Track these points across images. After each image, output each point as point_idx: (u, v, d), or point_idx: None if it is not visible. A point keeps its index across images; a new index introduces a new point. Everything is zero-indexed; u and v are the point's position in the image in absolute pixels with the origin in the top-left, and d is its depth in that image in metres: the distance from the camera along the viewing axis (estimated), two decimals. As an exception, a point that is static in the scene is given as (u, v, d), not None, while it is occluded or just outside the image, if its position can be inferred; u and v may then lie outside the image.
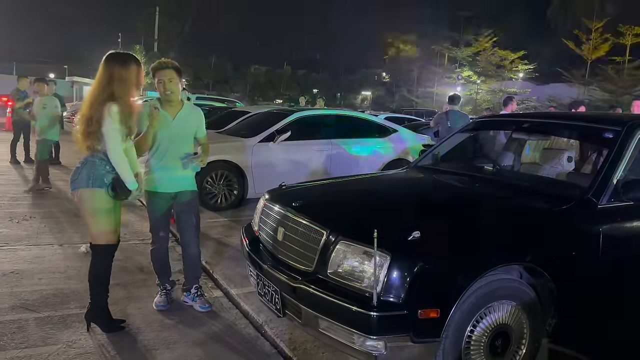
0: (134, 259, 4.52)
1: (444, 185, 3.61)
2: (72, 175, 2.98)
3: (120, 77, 2.90)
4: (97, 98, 2.89)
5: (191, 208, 3.50)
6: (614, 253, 2.77)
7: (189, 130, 3.45)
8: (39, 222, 5.58)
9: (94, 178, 2.93)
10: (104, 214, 2.99)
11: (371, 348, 2.29)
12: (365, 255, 2.36)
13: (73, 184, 2.97)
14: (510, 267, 2.56)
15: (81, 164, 2.97)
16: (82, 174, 2.94)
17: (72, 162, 10.27)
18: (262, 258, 2.96)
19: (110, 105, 2.85)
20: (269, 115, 7.94)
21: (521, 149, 4.41)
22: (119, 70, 2.90)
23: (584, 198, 2.81)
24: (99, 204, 2.96)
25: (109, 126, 2.86)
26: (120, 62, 2.93)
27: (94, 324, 3.10)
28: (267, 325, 3.33)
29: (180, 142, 3.39)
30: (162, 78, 3.29)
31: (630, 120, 3.14)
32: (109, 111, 2.84)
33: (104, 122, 2.85)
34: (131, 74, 2.94)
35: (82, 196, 2.96)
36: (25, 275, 3.97)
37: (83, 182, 2.93)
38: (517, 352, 2.63)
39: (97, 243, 3.05)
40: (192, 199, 3.51)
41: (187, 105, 3.47)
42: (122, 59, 2.97)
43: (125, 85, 2.91)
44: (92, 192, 2.93)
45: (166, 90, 3.30)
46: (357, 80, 57.78)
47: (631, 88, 25.00)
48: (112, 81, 2.89)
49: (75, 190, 2.97)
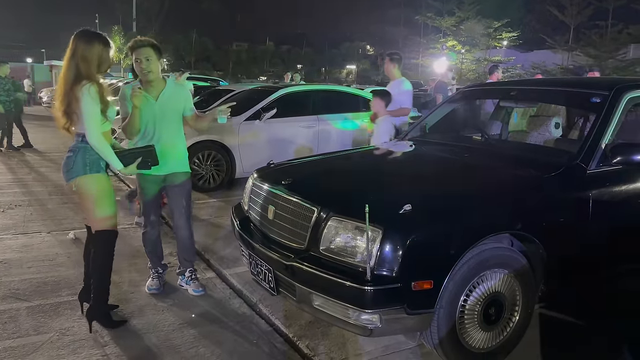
0: (125, 242, 4.47)
1: (433, 156, 3.59)
2: (66, 165, 2.87)
3: (83, 55, 2.79)
4: (66, 77, 2.81)
5: (183, 190, 3.43)
6: (604, 217, 2.79)
7: (175, 110, 3.33)
8: (25, 211, 5.50)
9: (90, 164, 2.85)
10: (106, 198, 2.93)
11: (366, 322, 2.30)
12: (357, 231, 2.35)
13: (68, 173, 2.86)
14: (501, 236, 2.57)
15: (73, 153, 2.86)
16: (77, 162, 2.84)
17: (49, 147, 10.10)
18: (254, 237, 2.94)
19: (90, 86, 2.76)
20: (254, 92, 7.83)
21: (508, 117, 4.40)
22: (83, 48, 2.80)
23: (573, 164, 2.81)
24: (100, 189, 2.90)
25: (89, 107, 2.76)
26: (85, 40, 2.83)
27: (97, 322, 2.96)
28: (261, 303, 3.33)
29: (166, 123, 3.29)
30: (139, 57, 3.17)
31: (617, 84, 3.13)
32: (89, 91, 2.75)
33: (82, 102, 2.75)
34: (93, 53, 2.82)
35: (81, 184, 2.86)
36: (14, 265, 3.92)
37: (80, 170, 2.84)
38: (511, 319, 2.66)
39: (101, 229, 2.95)
40: (185, 181, 3.43)
41: (170, 83, 3.34)
42: (87, 36, 2.86)
43: (88, 64, 2.81)
44: (92, 178, 2.86)
45: (143, 70, 3.18)
46: (342, 54, 57.23)
47: (614, 52, 25.05)
48: (76, 59, 2.79)
49: (72, 179, 2.86)
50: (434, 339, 2.46)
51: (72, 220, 5.11)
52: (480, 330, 2.55)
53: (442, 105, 4.44)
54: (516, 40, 30.33)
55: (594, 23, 27.93)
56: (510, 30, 29.52)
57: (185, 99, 3.40)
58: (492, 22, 28.56)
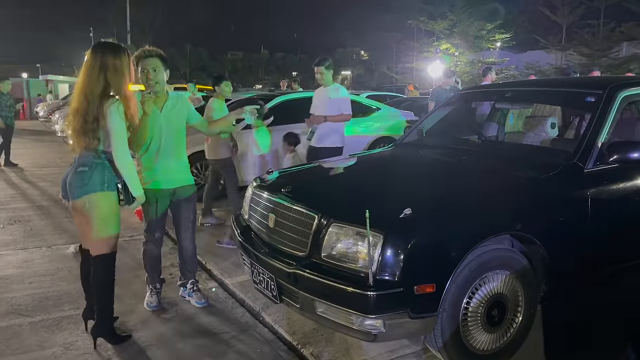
0: (127, 255, 4.47)
1: (431, 160, 3.61)
2: (79, 181, 2.70)
3: (115, 66, 2.70)
4: (92, 91, 2.68)
5: (190, 204, 3.39)
6: (603, 216, 2.81)
7: (179, 121, 3.28)
8: (24, 226, 5.50)
9: (108, 181, 2.73)
10: (115, 216, 2.82)
11: (370, 327, 2.30)
12: (358, 236, 2.36)
13: (82, 189, 2.70)
14: (501, 237, 2.58)
15: (89, 168, 2.71)
16: (95, 178, 2.70)
17: (47, 162, 10.10)
18: (255, 246, 2.95)
19: (119, 104, 2.68)
20: (250, 101, 7.84)
21: (504, 118, 4.43)
22: (112, 60, 2.70)
23: (570, 163, 2.83)
24: (113, 207, 2.78)
25: (118, 125, 2.68)
26: (113, 51, 2.73)
27: (102, 339, 2.90)
28: (264, 312, 3.33)
29: (172, 135, 3.24)
30: (146, 67, 3.12)
31: (611, 82, 3.16)
32: (118, 110, 2.67)
33: (111, 120, 2.66)
34: (124, 65, 2.74)
35: (96, 201, 2.71)
36: (15, 280, 3.91)
37: (97, 187, 2.70)
38: (514, 320, 2.66)
39: (102, 253, 2.81)
40: (192, 195, 3.39)
41: (171, 95, 3.30)
42: (114, 48, 2.77)
43: (119, 76, 2.71)
44: (108, 195, 2.74)
45: (150, 81, 3.13)
46: (336, 60, 57.29)
47: (607, 51, 25.15)
48: (106, 71, 2.69)
49: (84, 195, 2.70)
50: (437, 343, 2.46)
51: (72, 234, 5.11)
52: (483, 332, 2.55)
53: (438, 109, 4.46)
54: (509, 41, 30.45)
55: (585, 22, 28.06)
56: (503, 32, 29.64)
57: (188, 109, 3.35)
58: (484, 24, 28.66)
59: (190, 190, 3.39)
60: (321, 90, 5.21)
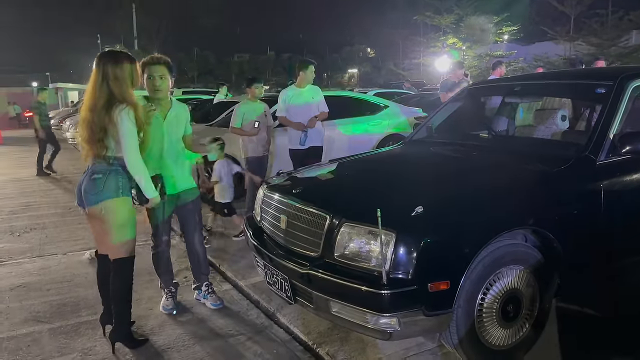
0: (142, 260, 4.48)
1: (441, 156, 3.60)
2: (94, 188, 2.74)
3: (115, 75, 2.75)
4: (97, 101, 2.74)
5: (196, 207, 3.46)
6: (616, 208, 2.78)
7: (180, 128, 3.37)
8: (40, 234, 5.57)
9: (123, 186, 2.78)
10: (132, 221, 2.86)
11: (385, 325, 2.30)
12: (370, 235, 2.36)
13: (96, 195, 2.73)
14: (514, 232, 2.57)
15: (103, 174, 2.75)
16: (109, 185, 2.74)
17: (62, 170, 10.21)
18: (268, 247, 2.96)
19: (129, 110, 2.72)
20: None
21: (514, 112, 4.40)
22: (113, 69, 2.75)
23: (582, 156, 2.81)
24: (129, 212, 2.83)
25: (128, 130, 2.72)
26: (113, 60, 2.78)
27: (120, 343, 2.94)
28: (279, 312, 3.35)
29: (174, 142, 3.31)
30: (152, 74, 3.17)
31: (622, 73, 3.13)
32: (128, 115, 2.71)
33: (122, 126, 2.70)
34: (125, 72, 2.79)
35: (112, 207, 2.75)
36: (33, 288, 3.97)
37: (112, 193, 2.74)
38: (530, 315, 2.65)
39: (120, 256, 2.86)
40: (197, 198, 3.47)
41: (175, 103, 3.37)
42: (114, 56, 2.82)
43: (121, 84, 2.76)
44: (124, 200, 2.79)
45: (156, 88, 3.19)
46: (343, 58, 57.37)
47: (617, 39, 24.85)
48: (108, 81, 2.74)
49: (100, 202, 2.74)
50: (453, 339, 2.46)
51: (88, 241, 5.16)
52: (499, 327, 2.55)
53: (447, 105, 4.44)
54: (517, 33, 30.20)
55: (594, 12, 27.71)
56: (510, 24, 29.41)
57: (187, 118, 3.44)
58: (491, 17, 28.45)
59: (194, 193, 3.45)
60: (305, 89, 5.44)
